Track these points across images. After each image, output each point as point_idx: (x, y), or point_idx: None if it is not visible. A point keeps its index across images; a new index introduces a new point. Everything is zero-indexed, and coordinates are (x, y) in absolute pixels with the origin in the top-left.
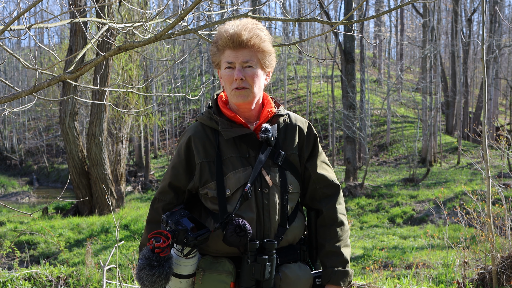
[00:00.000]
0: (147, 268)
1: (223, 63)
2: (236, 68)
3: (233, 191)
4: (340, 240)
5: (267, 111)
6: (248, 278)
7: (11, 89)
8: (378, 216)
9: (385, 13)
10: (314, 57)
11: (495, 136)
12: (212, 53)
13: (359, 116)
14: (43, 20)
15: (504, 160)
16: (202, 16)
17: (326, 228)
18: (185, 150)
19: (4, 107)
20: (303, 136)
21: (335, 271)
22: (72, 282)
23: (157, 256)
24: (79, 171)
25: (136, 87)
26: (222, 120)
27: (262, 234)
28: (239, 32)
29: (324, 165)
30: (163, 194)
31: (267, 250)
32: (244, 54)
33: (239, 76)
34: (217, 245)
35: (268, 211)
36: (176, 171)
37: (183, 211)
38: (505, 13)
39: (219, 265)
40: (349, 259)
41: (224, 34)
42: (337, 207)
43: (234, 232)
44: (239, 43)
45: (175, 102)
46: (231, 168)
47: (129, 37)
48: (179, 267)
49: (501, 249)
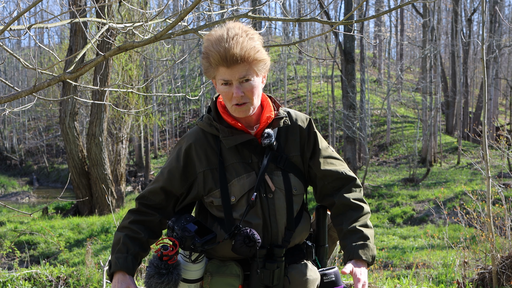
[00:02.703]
0: (156, 276)
1: (218, 79)
2: (234, 85)
3: (238, 198)
4: (357, 221)
5: (266, 116)
6: (258, 284)
7: (11, 89)
8: (378, 216)
9: (385, 13)
10: (314, 57)
11: (495, 136)
12: (204, 67)
13: (359, 116)
14: (43, 20)
15: (504, 160)
16: (202, 16)
17: (340, 215)
18: (185, 157)
19: (4, 107)
20: (304, 136)
21: (354, 245)
22: (72, 282)
23: (166, 263)
24: (79, 171)
25: (136, 87)
26: (222, 127)
27: (269, 239)
28: (231, 49)
29: (330, 160)
30: (152, 194)
31: (276, 256)
32: (239, 69)
33: (239, 93)
34: (223, 251)
35: (274, 216)
36: (172, 176)
37: (189, 216)
38: (505, 13)
39: (227, 268)
40: (370, 237)
41: (215, 52)
42: (348, 195)
43: (244, 243)
44: (233, 60)
45: (175, 102)
46: (235, 175)
47: (129, 37)
48: (187, 272)
49: (501, 249)
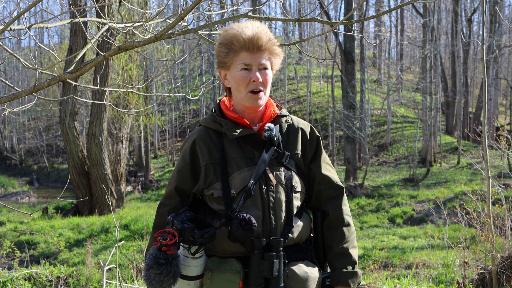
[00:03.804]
0: (154, 266)
1: (238, 64)
2: (253, 70)
3: (238, 191)
4: (348, 241)
5: (270, 111)
6: (257, 276)
7: (11, 89)
8: (378, 216)
9: (385, 13)
10: (314, 57)
11: (495, 136)
12: (222, 54)
13: (359, 116)
14: (43, 20)
15: (504, 160)
16: (202, 16)
17: (333, 230)
18: (190, 154)
19: (4, 107)
20: (306, 138)
21: (345, 272)
22: (72, 282)
23: (165, 254)
24: (79, 171)
25: (136, 87)
26: (226, 121)
27: (268, 232)
28: (259, 35)
29: (328, 166)
30: (169, 199)
31: (274, 248)
32: (261, 56)
33: (258, 78)
34: (223, 244)
35: (274, 209)
36: (182, 175)
37: (188, 212)
38: (505, 13)
39: (227, 265)
40: (357, 260)
41: (242, 35)
42: (343, 208)
43: (239, 225)
44: (258, 46)
45: (175, 102)
46: (236, 168)
47: (129, 37)
48: (186, 268)
49: (501, 249)
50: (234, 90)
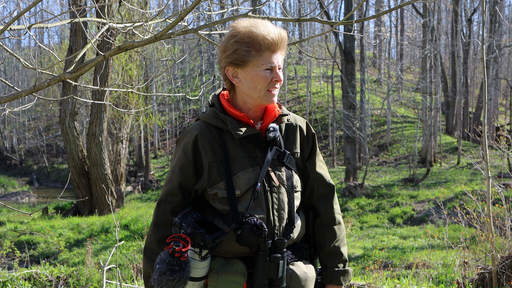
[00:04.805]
0: (168, 273)
1: (262, 64)
2: (275, 70)
3: (243, 191)
4: (339, 240)
5: (274, 111)
6: (262, 277)
7: (11, 89)
8: (378, 216)
9: (385, 13)
10: (314, 57)
11: (495, 136)
12: (241, 52)
13: (359, 116)
14: (43, 20)
15: (504, 160)
16: (202, 16)
17: (325, 229)
18: (193, 150)
19: (4, 107)
20: (303, 136)
21: (336, 271)
22: (72, 282)
23: (178, 260)
24: (79, 171)
25: (136, 87)
26: (231, 119)
27: (271, 233)
28: (283, 37)
29: (322, 164)
30: (171, 196)
31: (278, 249)
32: (280, 57)
33: (281, 78)
34: (228, 246)
35: (277, 210)
36: (185, 172)
37: (194, 213)
38: (505, 13)
39: (232, 266)
40: (347, 258)
41: (268, 37)
42: (334, 207)
43: (251, 231)
44: (280, 47)
45: (175, 102)
46: (240, 168)
47: (129, 37)
48: (194, 270)
49: (501, 249)
50: (247, 89)
